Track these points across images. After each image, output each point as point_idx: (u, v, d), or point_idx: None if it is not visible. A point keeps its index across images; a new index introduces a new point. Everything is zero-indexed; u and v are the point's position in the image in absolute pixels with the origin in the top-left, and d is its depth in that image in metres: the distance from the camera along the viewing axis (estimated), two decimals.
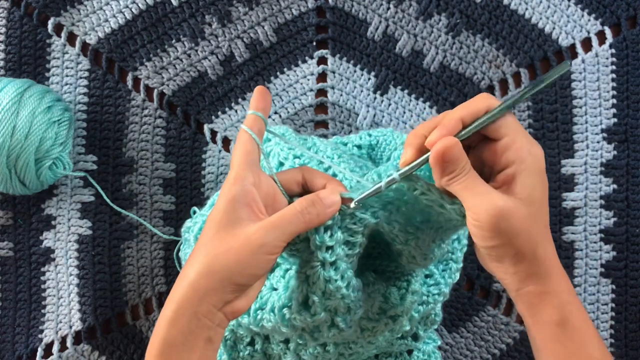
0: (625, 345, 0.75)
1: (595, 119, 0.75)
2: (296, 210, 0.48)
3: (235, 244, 0.46)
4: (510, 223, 0.46)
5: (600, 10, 0.76)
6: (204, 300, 0.46)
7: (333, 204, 0.49)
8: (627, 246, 0.75)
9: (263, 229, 0.46)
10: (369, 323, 0.56)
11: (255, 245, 0.46)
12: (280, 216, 0.47)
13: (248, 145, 0.49)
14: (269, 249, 0.47)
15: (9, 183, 0.70)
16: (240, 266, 0.46)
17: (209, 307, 0.47)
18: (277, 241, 0.47)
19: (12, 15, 0.77)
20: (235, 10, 0.76)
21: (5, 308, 0.77)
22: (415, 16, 0.76)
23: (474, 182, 0.47)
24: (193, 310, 0.47)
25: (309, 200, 0.48)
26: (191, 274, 0.47)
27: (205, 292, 0.46)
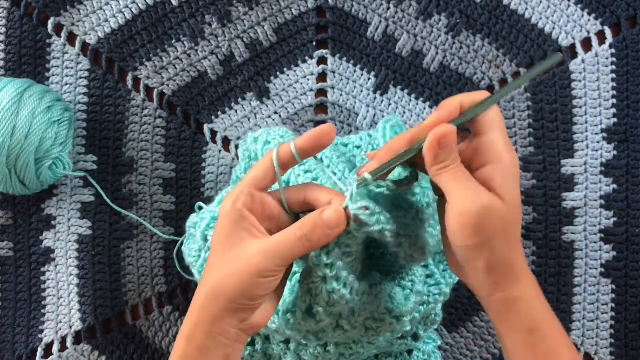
0: (625, 345, 0.75)
1: (595, 119, 0.75)
2: (296, 236, 0.46)
3: (237, 268, 0.46)
4: (493, 221, 0.46)
5: (600, 10, 0.76)
6: (216, 320, 0.47)
7: (338, 225, 0.47)
8: (627, 246, 0.75)
9: (263, 254, 0.46)
10: (374, 323, 0.55)
11: (254, 271, 0.46)
12: (281, 241, 0.46)
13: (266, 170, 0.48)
14: (269, 274, 0.46)
15: (9, 183, 0.70)
16: (241, 289, 0.46)
17: (222, 326, 0.47)
18: (274, 267, 0.46)
19: (12, 15, 0.77)
20: (235, 10, 0.76)
21: (5, 308, 0.77)
22: (415, 16, 0.76)
23: (462, 175, 0.46)
24: (207, 330, 0.47)
25: (311, 225, 0.46)
26: (201, 296, 0.48)
27: (215, 314, 0.47)
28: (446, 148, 0.46)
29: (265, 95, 0.77)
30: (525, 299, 0.49)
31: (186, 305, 0.76)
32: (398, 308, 0.55)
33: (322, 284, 0.50)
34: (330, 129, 0.47)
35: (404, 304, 0.56)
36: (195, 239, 0.63)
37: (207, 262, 0.49)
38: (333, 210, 0.47)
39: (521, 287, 0.48)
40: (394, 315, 0.56)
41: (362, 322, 0.55)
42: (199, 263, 0.61)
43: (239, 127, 0.77)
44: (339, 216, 0.47)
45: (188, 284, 0.76)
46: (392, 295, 0.55)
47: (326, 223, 0.46)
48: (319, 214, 0.47)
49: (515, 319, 0.49)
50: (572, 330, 0.75)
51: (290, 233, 0.47)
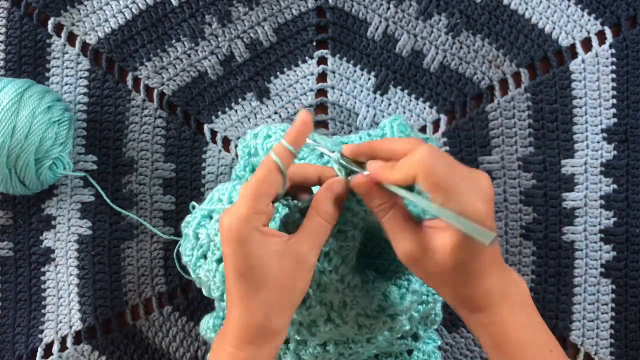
0: (625, 345, 0.75)
1: (595, 119, 0.75)
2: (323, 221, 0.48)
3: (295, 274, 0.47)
4: (421, 269, 0.47)
5: (600, 10, 0.76)
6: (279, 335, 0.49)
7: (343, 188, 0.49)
8: (627, 246, 0.75)
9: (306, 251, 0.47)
10: (367, 320, 0.56)
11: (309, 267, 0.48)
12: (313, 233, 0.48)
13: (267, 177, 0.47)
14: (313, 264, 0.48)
15: (9, 183, 0.70)
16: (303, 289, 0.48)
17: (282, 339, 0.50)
18: (315, 255, 0.48)
19: (12, 15, 0.77)
20: (235, 10, 0.76)
21: (5, 308, 0.77)
22: (415, 16, 0.76)
23: (393, 222, 0.47)
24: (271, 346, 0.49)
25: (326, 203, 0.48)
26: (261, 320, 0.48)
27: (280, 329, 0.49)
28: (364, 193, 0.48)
29: (265, 95, 0.77)
30: (489, 322, 0.48)
31: (186, 305, 0.76)
32: (392, 306, 0.55)
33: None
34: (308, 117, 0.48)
35: (398, 302, 0.56)
36: (188, 238, 0.63)
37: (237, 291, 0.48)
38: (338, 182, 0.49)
39: (485, 314, 0.48)
40: (388, 314, 0.56)
41: (354, 318, 0.55)
42: (192, 262, 0.61)
43: (239, 127, 0.77)
44: (345, 183, 0.49)
45: (188, 284, 0.76)
46: (386, 294, 0.55)
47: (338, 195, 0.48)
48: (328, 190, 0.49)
49: (480, 336, 0.50)
50: (572, 330, 0.75)
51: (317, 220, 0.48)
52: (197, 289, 0.76)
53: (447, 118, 0.76)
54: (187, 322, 0.76)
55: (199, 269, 0.61)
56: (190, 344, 0.76)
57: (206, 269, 0.59)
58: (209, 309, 0.75)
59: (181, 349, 0.76)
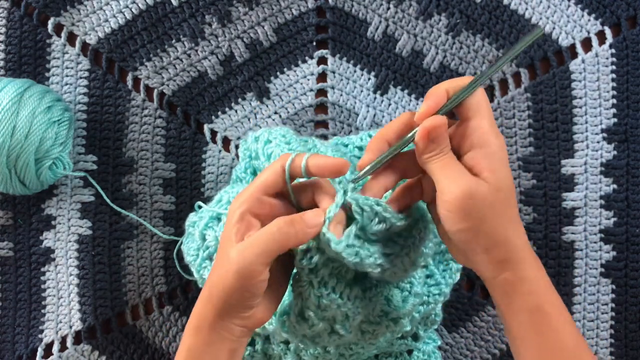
0: (625, 345, 0.75)
1: (595, 119, 0.75)
2: (272, 230, 0.46)
3: (225, 269, 0.47)
4: (476, 203, 0.46)
5: (600, 10, 0.76)
6: (218, 318, 0.48)
7: (315, 225, 0.47)
8: (627, 246, 0.75)
9: (238, 252, 0.46)
10: (370, 326, 0.55)
11: (231, 272, 0.46)
12: (254, 238, 0.47)
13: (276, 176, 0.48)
14: (248, 273, 0.46)
15: (9, 183, 0.70)
16: (230, 289, 0.47)
17: (225, 323, 0.49)
18: (253, 265, 0.46)
19: (12, 15, 0.77)
20: (235, 10, 0.76)
21: (5, 308, 0.77)
22: (415, 16, 0.76)
23: (449, 162, 0.48)
24: (212, 326, 0.49)
25: (288, 219, 0.47)
26: (205, 292, 0.49)
27: (217, 312, 0.48)
28: (437, 139, 0.47)
29: (265, 95, 0.77)
30: (529, 279, 0.49)
31: (186, 305, 0.76)
32: (395, 310, 0.55)
33: (310, 288, 0.50)
34: (345, 166, 0.47)
35: (401, 306, 0.55)
36: (193, 238, 0.63)
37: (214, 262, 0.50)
38: (314, 211, 0.48)
39: (524, 266, 0.49)
40: (391, 318, 0.55)
41: (357, 326, 0.55)
42: (197, 262, 0.61)
43: (239, 127, 0.77)
44: (319, 217, 0.47)
45: (188, 284, 0.76)
46: (389, 297, 0.55)
47: (305, 219, 0.47)
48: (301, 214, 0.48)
49: (519, 299, 0.49)
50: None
51: (267, 228, 0.47)
52: (197, 289, 0.76)
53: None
54: None
55: (203, 270, 0.61)
56: None
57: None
58: None
59: None
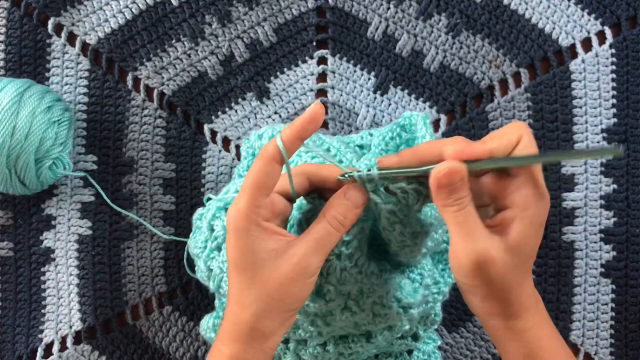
0: (625, 345, 0.75)
1: (595, 119, 0.75)
2: (333, 226, 0.47)
3: (290, 276, 0.46)
4: (489, 270, 0.45)
5: (600, 10, 0.76)
6: (270, 335, 0.47)
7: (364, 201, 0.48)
8: (627, 246, 0.75)
9: (309, 253, 0.46)
10: (382, 309, 0.55)
11: (308, 272, 0.46)
12: (322, 236, 0.47)
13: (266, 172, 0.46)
14: (314, 270, 0.47)
15: (9, 183, 0.70)
16: (301, 295, 0.47)
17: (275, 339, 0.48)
18: (318, 262, 0.47)
19: (12, 15, 0.77)
20: (235, 10, 0.76)
21: (5, 308, 0.77)
22: (415, 16, 0.76)
23: (464, 219, 0.45)
24: (261, 348, 0.48)
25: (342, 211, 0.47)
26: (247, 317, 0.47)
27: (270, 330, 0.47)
28: (448, 188, 0.44)
29: (265, 95, 0.77)
30: (524, 329, 0.48)
31: (186, 305, 0.76)
32: (406, 298, 0.56)
33: (337, 262, 0.50)
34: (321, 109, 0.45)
35: (412, 295, 0.56)
36: (201, 231, 0.63)
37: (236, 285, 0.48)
38: (356, 190, 0.47)
39: (521, 320, 0.48)
40: (402, 305, 0.56)
41: (370, 306, 0.55)
42: (204, 253, 0.61)
43: (239, 127, 0.77)
44: (364, 193, 0.47)
45: (188, 284, 0.76)
46: (401, 285, 0.56)
47: (354, 203, 0.47)
48: (342, 197, 0.47)
49: (512, 346, 0.49)
50: (572, 330, 0.75)
51: (322, 226, 0.47)
52: (197, 289, 0.76)
53: (447, 118, 0.76)
54: (187, 322, 0.76)
55: (211, 261, 0.60)
56: (190, 344, 0.76)
57: (220, 261, 0.59)
58: (209, 309, 0.75)
59: (181, 349, 0.76)
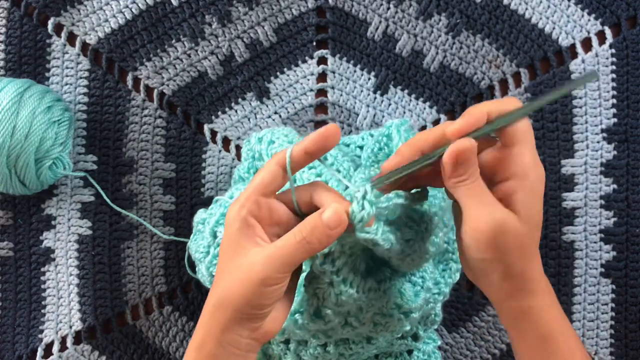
0: (625, 345, 0.75)
1: (595, 119, 0.75)
2: (296, 240, 0.45)
3: (240, 278, 0.46)
4: (507, 238, 0.46)
5: (600, 10, 0.76)
6: (225, 330, 0.47)
7: (338, 225, 0.45)
8: (627, 246, 0.75)
9: (264, 262, 0.45)
10: (383, 318, 0.55)
11: (255, 280, 0.45)
12: (280, 247, 0.45)
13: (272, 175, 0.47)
14: (271, 282, 0.45)
15: (9, 183, 0.70)
16: (246, 299, 0.46)
17: (232, 336, 0.47)
18: (277, 274, 0.45)
19: (12, 15, 0.77)
20: (235, 10, 0.76)
21: (5, 308, 0.77)
22: (415, 16, 0.76)
23: (479, 191, 0.46)
24: (218, 339, 0.47)
25: (310, 227, 0.45)
26: (210, 305, 0.47)
27: (224, 324, 0.46)
28: (464, 163, 0.45)
29: (265, 95, 0.77)
30: (540, 308, 0.49)
31: (186, 305, 0.76)
32: (407, 304, 0.55)
33: (330, 288, 0.50)
34: (335, 130, 0.46)
35: (413, 300, 0.56)
36: (203, 235, 0.63)
37: (216, 271, 0.49)
38: (333, 211, 0.45)
39: (535, 297, 0.49)
40: (403, 311, 0.56)
41: (370, 318, 0.55)
42: (207, 259, 0.61)
43: (239, 127, 0.77)
44: (339, 216, 0.45)
45: (188, 284, 0.76)
46: (401, 291, 0.55)
47: (325, 223, 0.45)
48: (318, 215, 0.46)
49: (528, 327, 0.49)
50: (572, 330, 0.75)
51: (290, 237, 0.45)
52: (197, 289, 0.76)
53: (447, 118, 0.76)
54: (187, 322, 0.76)
55: (213, 268, 0.61)
56: None
57: None
58: None
59: (181, 349, 0.76)
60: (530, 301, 0.49)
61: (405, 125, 0.61)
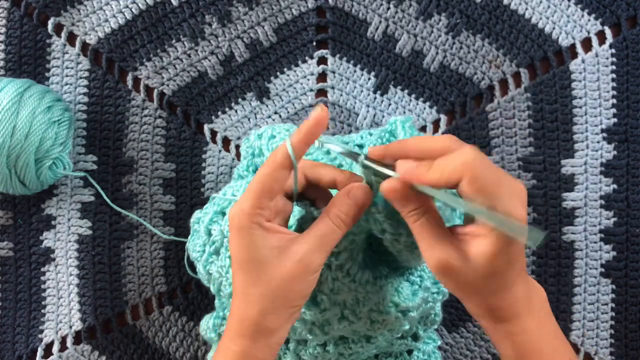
0: (625, 345, 0.75)
1: (595, 119, 0.75)
2: (335, 224, 0.47)
3: (294, 273, 0.46)
4: (454, 278, 0.45)
5: (600, 10, 0.76)
6: (275, 331, 0.48)
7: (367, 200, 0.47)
8: (627, 246, 0.75)
9: (313, 250, 0.47)
10: (380, 316, 0.56)
11: (311, 269, 0.47)
12: (321, 235, 0.47)
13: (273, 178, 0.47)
14: (316, 267, 0.47)
15: (9, 183, 0.70)
16: (304, 291, 0.47)
17: (281, 334, 0.49)
18: (321, 259, 0.47)
19: (12, 15, 0.77)
20: (235, 10, 0.76)
21: (5, 308, 0.77)
22: (415, 16, 0.76)
23: (422, 230, 0.45)
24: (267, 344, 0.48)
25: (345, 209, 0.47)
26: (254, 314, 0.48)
27: (276, 326, 0.48)
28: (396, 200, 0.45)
29: (265, 95, 0.77)
30: (514, 332, 0.48)
31: (186, 305, 0.76)
32: (404, 302, 0.56)
33: (327, 272, 0.51)
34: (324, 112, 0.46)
35: (410, 299, 0.56)
36: (199, 234, 0.63)
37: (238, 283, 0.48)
38: (360, 188, 0.47)
39: (510, 324, 0.48)
40: (400, 309, 0.56)
41: (367, 314, 0.55)
42: (203, 257, 0.61)
43: (239, 127, 0.77)
44: (367, 191, 0.47)
45: (188, 284, 0.76)
46: (399, 290, 0.56)
47: (356, 202, 0.47)
48: (346, 196, 0.47)
49: (503, 346, 0.49)
50: (572, 330, 0.75)
51: (325, 224, 0.47)
52: (197, 289, 0.76)
53: (447, 118, 0.76)
54: (187, 322, 0.76)
55: (210, 265, 0.61)
56: (190, 344, 0.76)
57: (219, 265, 0.59)
58: (209, 309, 0.75)
59: (181, 349, 0.76)
60: (502, 326, 0.48)
61: (409, 122, 0.61)
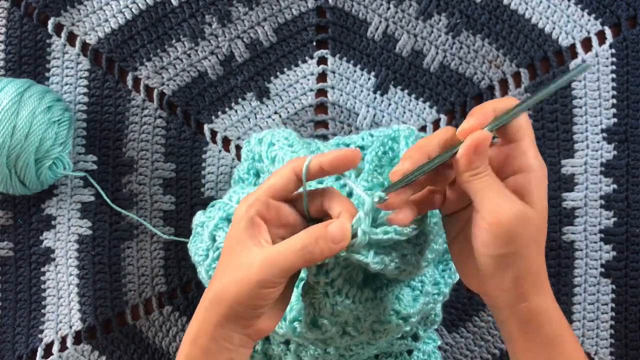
0: (626, 345, 0.75)
1: (595, 119, 0.75)
2: (297, 247, 0.45)
3: (237, 277, 0.46)
4: (527, 229, 0.45)
5: (600, 10, 0.76)
6: (219, 325, 0.47)
7: (342, 240, 0.45)
8: (627, 246, 0.75)
9: (260, 265, 0.45)
10: (382, 325, 0.55)
11: (252, 281, 0.45)
12: (281, 252, 0.45)
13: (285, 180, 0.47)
14: (267, 284, 0.45)
15: (9, 183, 0.70)
16: (240, 298, 0.46)
17: (225, 331, 0.47)
18: (274, 278, 0.45)
19: (12, 15, 0.77)
20: (235, 10, 0.76)
21: (5, 308, 0.77)
22: (415, 16, 0.76)
23: (495, 182, 0.45)
24: (211, 333, 0.47)
25: (313, 236, 0.45)
26: (206, 299, 0.48)
27: (218, 320, 0.47)
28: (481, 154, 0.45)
29: (265, 95, 0.77)
30: (549, 310, 0.48)
31: (186, 305, 0.76)
32: (405, 309, 0.55)
33: (325, 299, 0.50)
34: (355, 155, 0.46)
35: (411, 305, 0.55)
36: (202, 238, 0.63)
37: (217, 265, 0.49)
38: (338, 225, 0.45)
39: (544, 297, 0.48)
40: (401, 317, 0.55)
41: (369, 327, 0.55)
42: (206, 262, 0.61)
43: (239, 127, 0.77)
44: (344, 232, 0.45)
45: (188, 284, 0.76)
46: (399, 297, 0.55)
47: (330, 236, 0.45)
48: (324, 226, 0.46)
49: (538, 331, 0.48)
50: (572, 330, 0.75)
51: (292, 243, 0.45)
52: (197, 289, 0.76)
53: (447, 118, 0.76)
54: (187, 322, 0.76)
55: (213, 271, 0.61)
56: None
57: None
58: None
59: None
60: (541, 302, 0.48)
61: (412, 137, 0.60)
